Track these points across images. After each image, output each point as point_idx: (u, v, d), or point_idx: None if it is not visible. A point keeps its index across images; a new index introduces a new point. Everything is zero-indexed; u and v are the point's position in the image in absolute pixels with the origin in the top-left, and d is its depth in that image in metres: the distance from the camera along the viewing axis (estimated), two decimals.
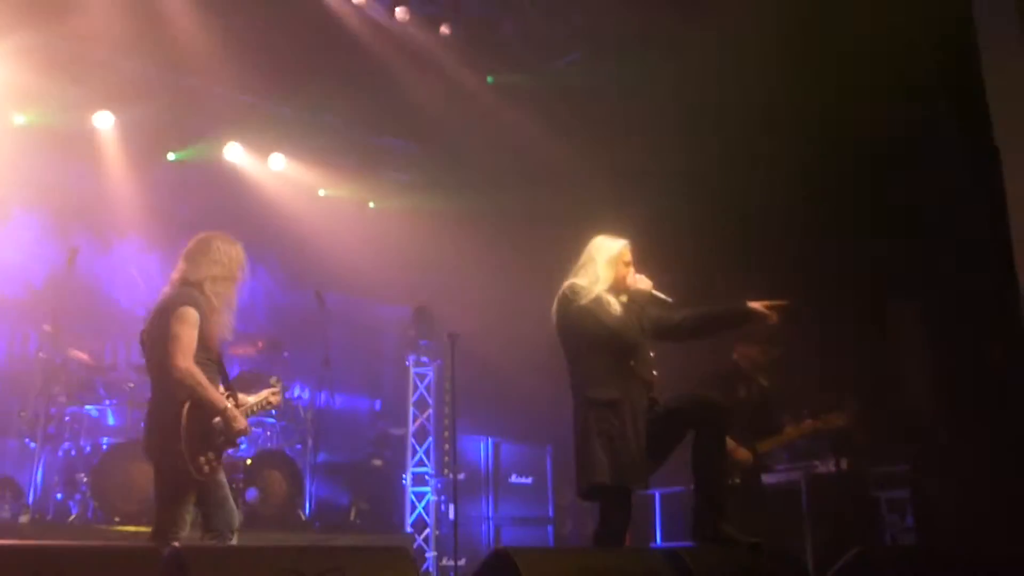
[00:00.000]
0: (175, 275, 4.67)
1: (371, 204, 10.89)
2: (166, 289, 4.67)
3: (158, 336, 4.49)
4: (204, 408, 4.45)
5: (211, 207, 8.78)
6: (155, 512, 4.46)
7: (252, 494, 7.63)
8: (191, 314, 4.46)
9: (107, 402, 7.76)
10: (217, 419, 4.51)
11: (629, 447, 4.57)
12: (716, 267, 7.55)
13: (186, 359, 4.41)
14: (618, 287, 4.87)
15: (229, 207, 9.00)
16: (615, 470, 4.53)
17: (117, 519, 7.03)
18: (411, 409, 9.87)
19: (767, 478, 6.64)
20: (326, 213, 10.21)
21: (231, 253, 4.73)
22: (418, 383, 9.98)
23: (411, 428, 9.78)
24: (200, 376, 4.44)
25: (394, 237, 10.28)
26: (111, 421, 7.76)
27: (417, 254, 10.12)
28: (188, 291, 4.56)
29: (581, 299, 4.73)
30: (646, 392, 4.77)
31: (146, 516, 6.85)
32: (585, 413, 4.68)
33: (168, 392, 4.43)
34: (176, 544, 3.64)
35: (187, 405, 4.40)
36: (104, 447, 7.41)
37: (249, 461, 7.81)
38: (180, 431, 4.36)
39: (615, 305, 4.78)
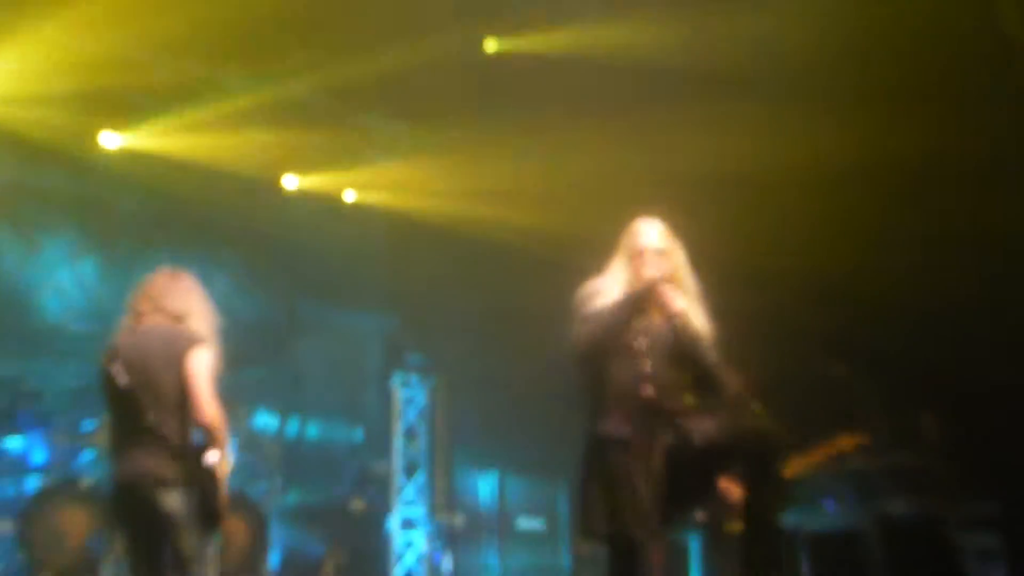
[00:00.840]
0: (166, 306, 5.14)
1: (349, 194, 10.77)
2: (160, 320, 5.07)
3: (169, 372, 4.84)
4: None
5: (157, 201, 8.67)
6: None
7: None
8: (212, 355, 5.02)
9: (33, 434, 7.70)
10: None
11: (636, 492, 4.46)
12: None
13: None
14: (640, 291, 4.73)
15: (177, 200, 8.91)
16: (614, 516, 4.49)
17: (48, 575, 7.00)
18: (398, 438, 9.81)
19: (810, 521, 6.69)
20: (296, 204, 10.08)
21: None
22: (406, 406, 9.90)
23: (398, 461, 9.71)
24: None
25: (377, 231, 10.15)
26: (38, 458, 7.71)
27: (404, 250, 9.99)
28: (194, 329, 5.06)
29: (583, 304, 4.72)
30: (670, 425, 4.59)
31: (82, 570, 6.76)
32: (588, 450, 4.65)
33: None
34: None
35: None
36: (30, 490, 7.38)
37: None
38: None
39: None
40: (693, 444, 4.60)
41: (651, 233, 4.87)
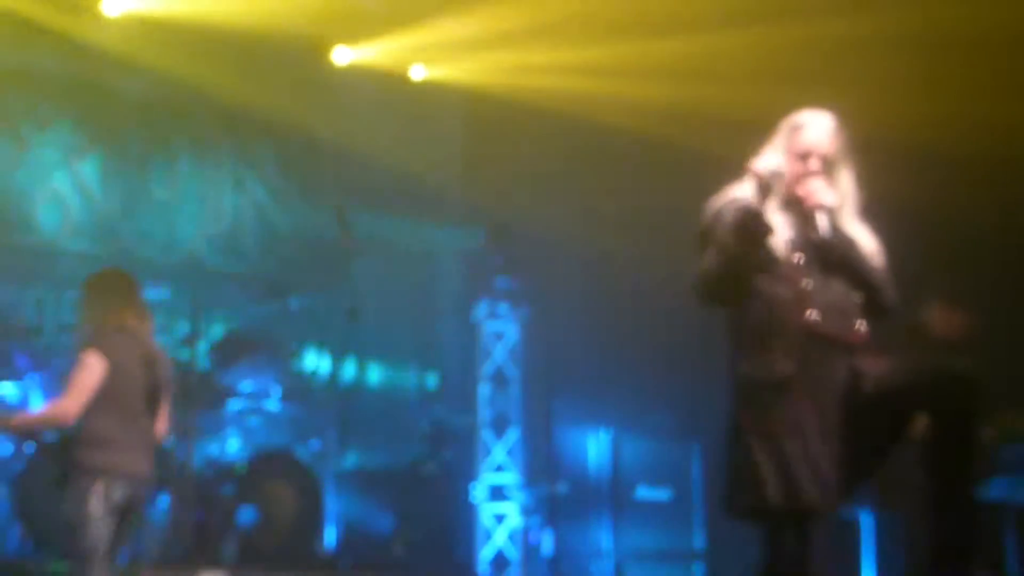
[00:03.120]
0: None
1: (417, 71, 10.81)
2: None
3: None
4: None
5: (173, 85, 8.80)
6: None
7: (248, 516, 7.76)
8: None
9: (31, 379, 7.90)
10: None
11: (809, 452, 4.48)
12: None
13: None
14: (791, 196, 4.74)
15: (198, 83, 9.06)
16: (785, 486, 4.47)
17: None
18: (483, 385, 9.94)
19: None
20: (349, 86, 10.15)
21: None
22: (493, 344, 10.00)
23: (484, 415, 9.86)
24: None
25: (453, 118, 10.20)
26: (38, 406, 7.75)
27: (491, 147, 10.03)
28: None
29: (713, 232, 4.66)
30: (844, 361, 4.65)
31: None
32: (739, 397, 4.64)
33: None
34: None
35: None
36: (27, 450, 7.46)
37: (241, 467, 7.92)
38: None
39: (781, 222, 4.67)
40: (869, 387, 4.66)
41: (820, 130, 4.84)
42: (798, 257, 4.69)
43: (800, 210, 4.77)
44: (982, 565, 4.57)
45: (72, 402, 5.70)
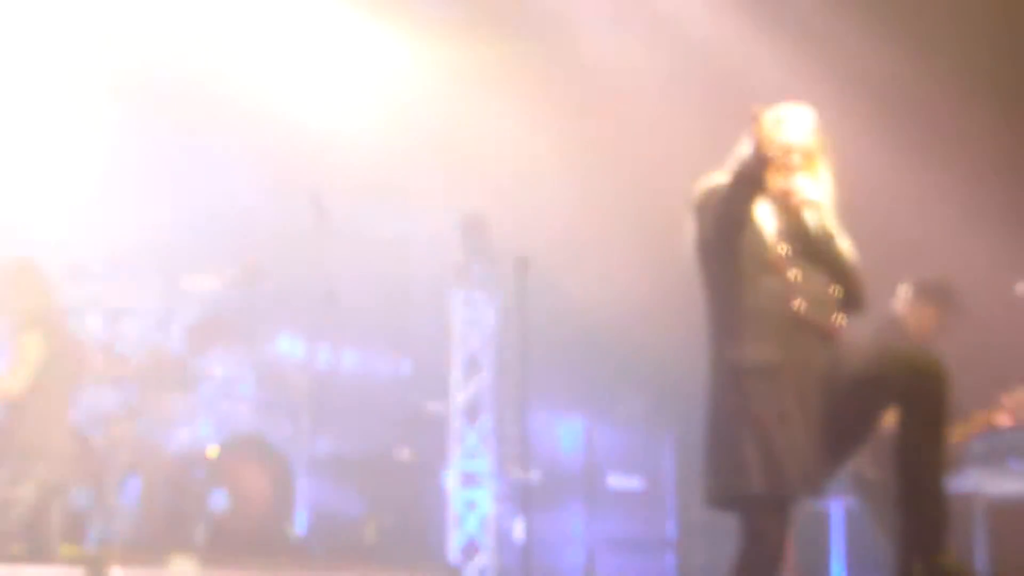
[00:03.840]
0: None
1: (395, 59, 10.78)
2: None
3: None
4: None
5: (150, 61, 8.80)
6: None
7: (218, 501, 7.74)
8: None
9: None
10: None
11: (794, 437, 4.52)
12: None
13: None
14: (775, 190, 4.78)
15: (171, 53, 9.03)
16: (770, 472, 4.49)
17: None
18: (456, 371, 9.94)
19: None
20: (326, 68, 10.15)
21: None
22: (468, 332, 10.03)
23: (457, 401, 9.87)
24: None
25: (430, 108, 10.20)
26: None
27: (466, 134, 10.05)
28: None
29: (709, 203, 4.71)
30: (824, 351, 4.69)
31: (66, 530, 7.01)
32: (723, 384, 4.66)
33: None
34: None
35: None
36: None
37: (213, 451, 7.96)
38: None
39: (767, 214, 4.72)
40: (844, 377, 4.70)
41: (802, 124, 4.85)
42: (784, 248, 4.74)
43: (784, 203, 4.81)
44: (950, 556, 4.59)
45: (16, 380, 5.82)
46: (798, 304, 4.68)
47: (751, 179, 4.55)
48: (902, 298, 7.15)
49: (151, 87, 9.53)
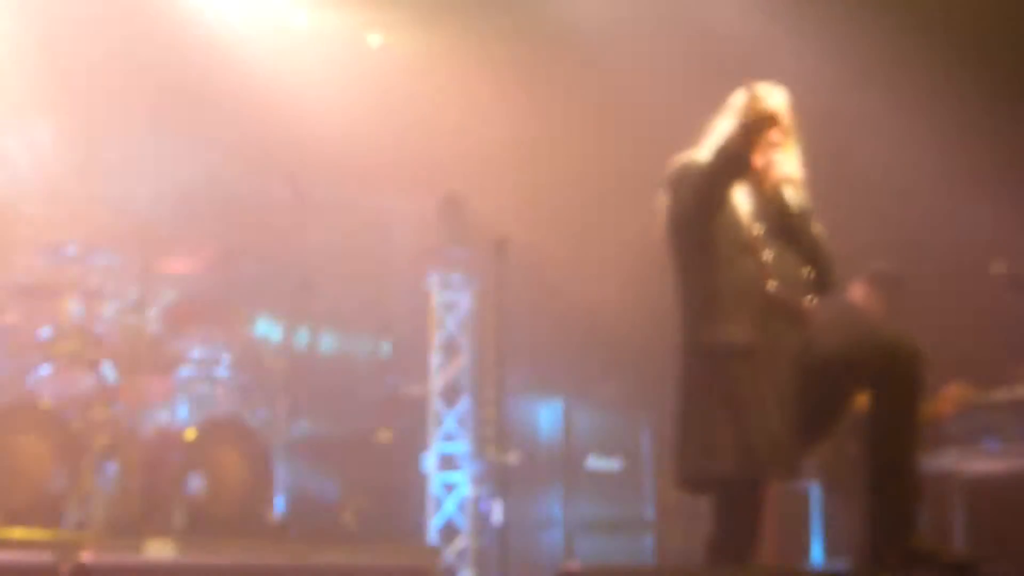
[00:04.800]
0: None
1: (372, 40, 10.77)
2: None
3: None
4: None
5: (127, 40, 8.76)
6: None
7: (195, 484, 7.74)
8: None
9: None
10: None
11: (768, 418, 4.54)
12: None
13: None
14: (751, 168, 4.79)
15: (149, 40, 8.97)
16: (743, 454, 4.52)
17: None
18: (434, 354, 9.95)
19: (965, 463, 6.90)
20: (303, 52, 10.12)
21: None
22: (445, 314, 10.01)
23: (435, 383, 9.88)
24: None
25: (408, 91, 10.18)
26: None
27: (444, 117, 10.03)
28: None
29: (685, 179, 4.74)
30: (797, 332, 4.71)
31: (41, 513, 7.00)
32: (697, 366, 4.67)
33: None
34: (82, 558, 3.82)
35: None
36: None
37: (190, 434, 7.94)
38: None
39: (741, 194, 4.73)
40: (816, 357, 4.72)
41: (777, 102, 4.86)
42: (758, 228, 4.75)
43: (761, 181, 4.82)
44: (924, 537, 4.61)
45: None
46: (772, 285, 4.70)
47: (739, 154, 4.57)
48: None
49: (127, 68, 9.48)
